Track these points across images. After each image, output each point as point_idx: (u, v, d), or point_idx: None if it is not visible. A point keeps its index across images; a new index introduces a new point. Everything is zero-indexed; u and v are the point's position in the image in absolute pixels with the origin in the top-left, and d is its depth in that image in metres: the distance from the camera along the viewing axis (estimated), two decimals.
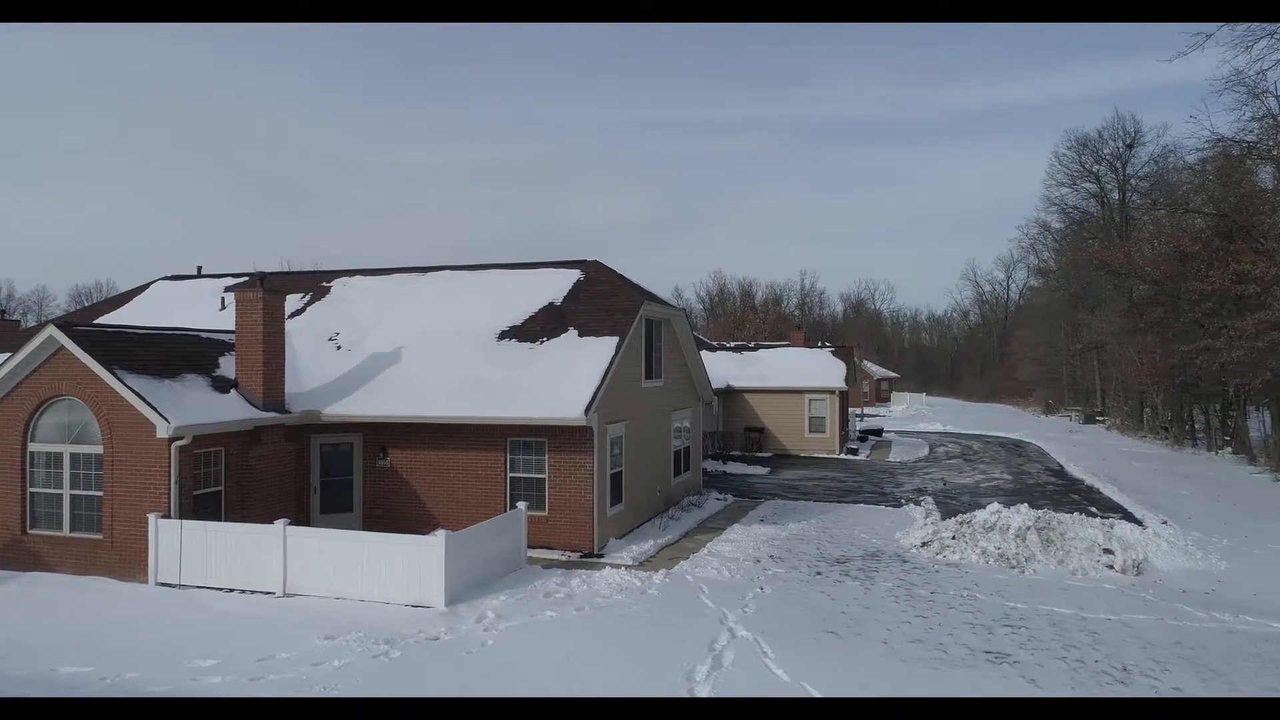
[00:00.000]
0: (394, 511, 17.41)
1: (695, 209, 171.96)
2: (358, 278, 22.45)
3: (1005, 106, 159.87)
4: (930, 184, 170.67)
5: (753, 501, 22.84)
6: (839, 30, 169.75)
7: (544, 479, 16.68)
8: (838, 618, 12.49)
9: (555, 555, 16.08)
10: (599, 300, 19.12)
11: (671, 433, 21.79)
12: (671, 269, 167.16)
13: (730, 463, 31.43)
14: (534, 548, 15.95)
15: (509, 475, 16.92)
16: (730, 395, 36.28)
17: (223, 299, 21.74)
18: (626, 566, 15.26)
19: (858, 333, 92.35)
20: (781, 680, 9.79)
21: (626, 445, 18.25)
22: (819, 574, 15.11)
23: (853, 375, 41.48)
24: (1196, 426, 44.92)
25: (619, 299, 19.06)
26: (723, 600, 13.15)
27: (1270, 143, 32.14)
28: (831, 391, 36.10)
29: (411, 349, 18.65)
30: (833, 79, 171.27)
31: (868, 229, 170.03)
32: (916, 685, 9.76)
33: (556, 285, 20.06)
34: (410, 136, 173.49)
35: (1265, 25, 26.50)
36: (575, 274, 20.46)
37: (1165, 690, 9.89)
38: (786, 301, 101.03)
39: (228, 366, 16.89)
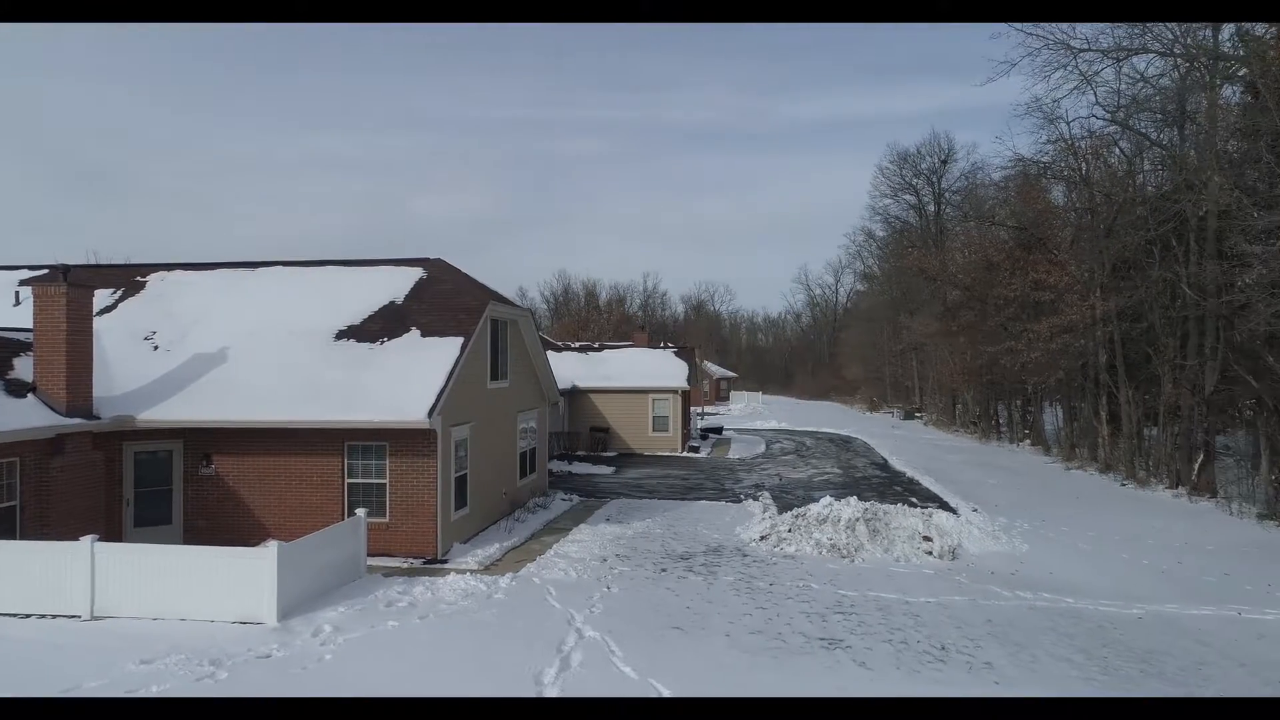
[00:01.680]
0: (220, 523, 16.32)
1: (541, 209, 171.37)
2: (178, 272, 20.88)
3: (837, 120, 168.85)
4: (767, 191, 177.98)
5: (599, 501, 23.00)
6: (685, 38, 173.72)
7: (385, 484, 16.12)
8: (683, 613, 12.78)
9: (397, 563, 15.58)
10: (443, 300, 18.69)
11: (517, 434, 21.60)
12: (517, 269, 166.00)
13: (576, 463, 31.52)
14: (375, 555, 15.39)
15: (347, 481, 16.23)
16: (576, 395, 36.38)
17: (17, 294, 19.67)
18: (472, 571, 15.00)
19: (698, 333, 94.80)
20: (630, 678, 9.91)
21: (472, 447, 17.93)
22: (664, 571, 15.40)
23: (694, 375, 42.54)
24: (1001, 421, 49.06)
25: (464, 298, 18.70)
26: (570, 601, 13.16)
27: (1062, 164, 35.57)
28: (674, 391, 36.90)
29: (240, 349, 17.55)
30: (678, 86, 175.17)
31: (708, 233, 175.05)
32: (758, 675, 10.13)
33: (398, 284, 19.44)
34: (244, 126, 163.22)
35: (1061, 58, 29.33)
36: (418, 272, 19.90)
37: (978, 665, 10.74)
38: (630, 302, 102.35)
39: (24, 368, 15.28)
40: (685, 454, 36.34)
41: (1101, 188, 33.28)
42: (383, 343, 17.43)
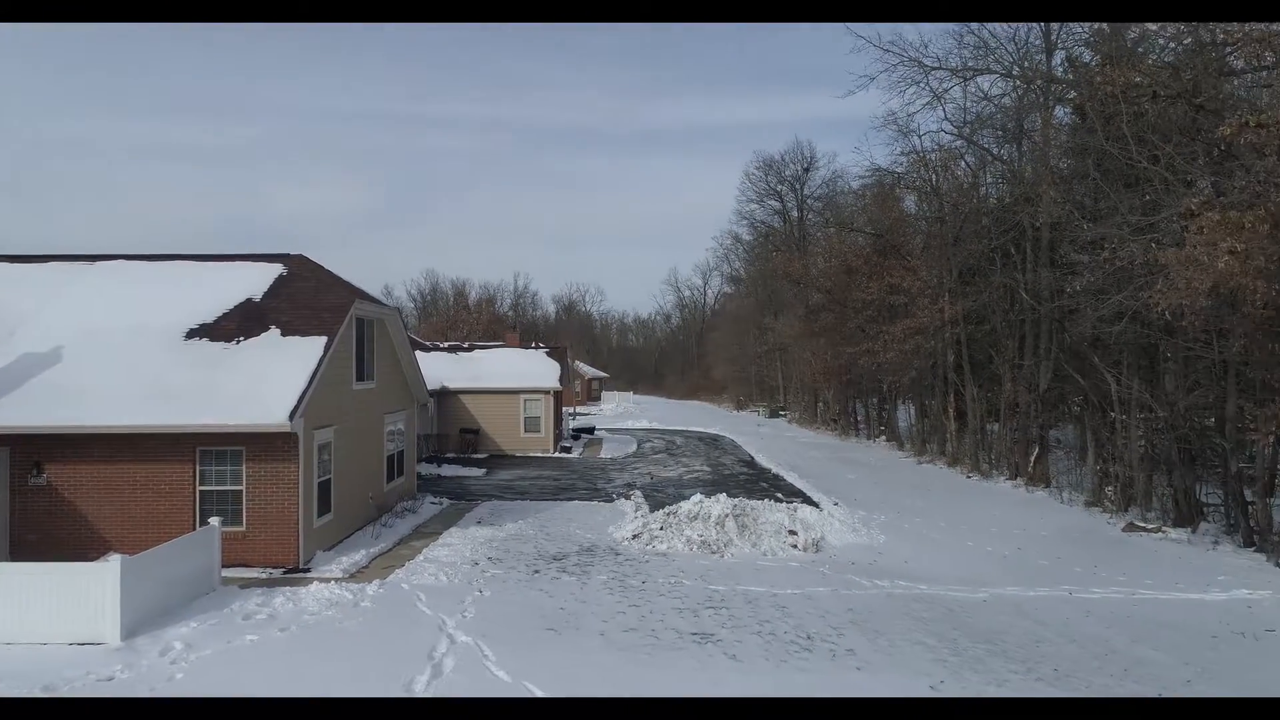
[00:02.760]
0: (53, 537, 15.05)
1: (408, 206, 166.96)
2: (2, 265, 19.13)
3: (706, 125, 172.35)
4: (638, 193, 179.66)
5: (469, 503, 22.62)
6: (558, 38, 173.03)
7: (242, 491, 15.30)
8: (556, 614, 12.75)
9: (256, 573, 14.82)
10: (305, 297, 17.91)
11: (385, 436, 20.97)
12: (383, 267, 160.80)
13: (446, 465, 30.88)
14: (231, 566, 14.58)
15: (199, 489, 15.31)
16: (445, 396, 35.65)
17: None
18: (337, 579, 14.45)
19: (570, 334, 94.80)
20: (503, 682, 9.80)
21: (336, 451, 17.27)
22: (537, 572, 15.32)
23: (566, 375, 42.48)
24: (859, 418, 51.38)
25: (327, 296, 17.99)
26: (441, 607, 12.89)
27: (915, 175, 37.64)
28: (546, 391, 36.73)
29: (77, 349, 16.24)
30: (552, 85, 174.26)
31: (580, 233, 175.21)
32: (632, 671, 10.23)
33: (256, 281, 18.49)
34: (75, 110, 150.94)
35: (915, 75, 31.03)
36: (277, 269, 18.99)
37: (840, 652, 11.22)
38: (500, 302, 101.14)
39: None
40: (557, 454, 36.24)
41: (950, 198, 35.41)
42: (239, 342, 16.55)
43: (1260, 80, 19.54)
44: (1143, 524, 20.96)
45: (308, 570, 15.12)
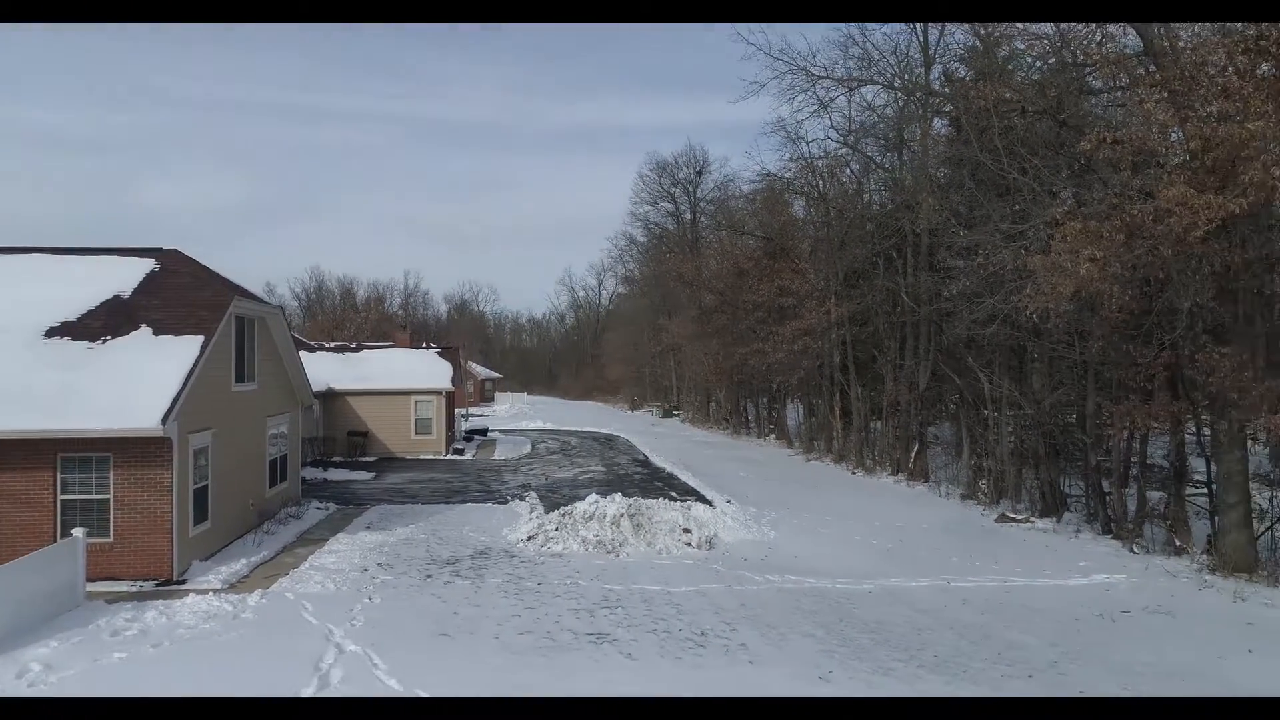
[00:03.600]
0: None
1: (293, 202, 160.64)
2: None
3: (601, 126, 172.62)
4: (532, 192, 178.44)
5: (358, 508, 21.95)
6: (453, 34, 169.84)
7: (109, 500, 14.37)
8: (450, 619, 12.51)
9: (126, 587, 13.94)
10: (179, 294, 16.97)
11: (267, 440, 20.11)
12: (265, 264, 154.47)
13: (332, 469, 29.86)
14: (98, 580, 13.67)
15: (60, 498, 14.30)
16: (332, 398, 34.47)
17: None
18: (215, 591, 13.76)
19: (462, 334, 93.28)
20: (394, 690, 9.55)
21: (214, 456, 16.44)
22: (430, 577, 15.00)
23: (458, 376, 41.80)
24: (750, 417, 52.52)
25: (204, 293, 17.11)
26: (328, 615, 12.45)
27: (803, 180, 38.75)
28: (438, 392, 36.01)
29: None
30: (445, 81, 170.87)
31: (473, 232, 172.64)
32: (527, 675, 10.13)
33: (125, 276, 17.40)
34: None
35: (803, 84, 31.95)
36: (149, 264, 17.94)
37: (734, 647, 11.43)
38: (390, 301, 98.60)
39: None
40: (450, 456, 35.58)
41: (836, 204, 36.60)
42: (106, 341, 15.55)
43: (1116, 100, 21.02)
44: (1013, 515, 22.18)
45: (183, 582, 14.34)
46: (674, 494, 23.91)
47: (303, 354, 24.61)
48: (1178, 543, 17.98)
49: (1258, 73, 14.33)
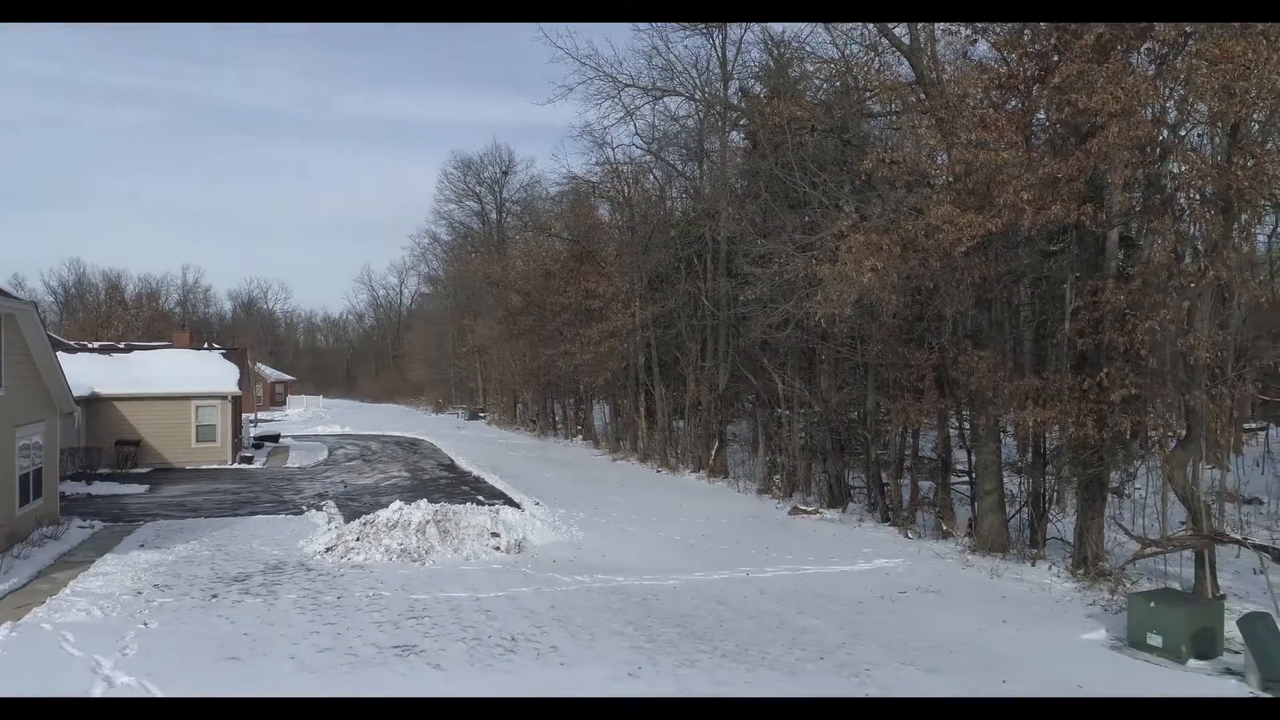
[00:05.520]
0: None
1: (47, 186, 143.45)
2: None
3: (403, 120, 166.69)
4: (329, 185, 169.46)
5: (129, 525, 19.97)
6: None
7: None
8: (239, 641, 11.67)
9: None
10: None
11: (16, 453, 17.86)
12: (10, 255, 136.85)
13: (98, 483, 26.98)
14: None
15: None
16: (97, 404, 31.13)
17: None
18: None
19: (250, 333, 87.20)
20: None
21: None
22: (216, 597, 13.91)
23: (246, 379, 39.03)
24: (557, 418, 52.69)
25: None
26: (95, 646, 11.23)
27: (609, 185, 39.38)
28: (223, 397, 33.43)
29: None
30: (232, 61, 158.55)
31: (262, 225, 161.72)
32: (329, 693, 9.64)
33: None
34: None
35: (609, 90, 32.48)
36: None
37: (545, 650, 11.44)
38: (166, 298, 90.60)
39: None
40: (237, 465, 33.13)
41: (640, 209, 37.47)
42: None
43: (892, 123, 22.94)
44: (804, 507, 23.66)
45: None
46: (482, 498, 23.58)
47: (60, 355, 22.11)
48: (944, 527, 19.87)
49: (1008, 107, 16.15)
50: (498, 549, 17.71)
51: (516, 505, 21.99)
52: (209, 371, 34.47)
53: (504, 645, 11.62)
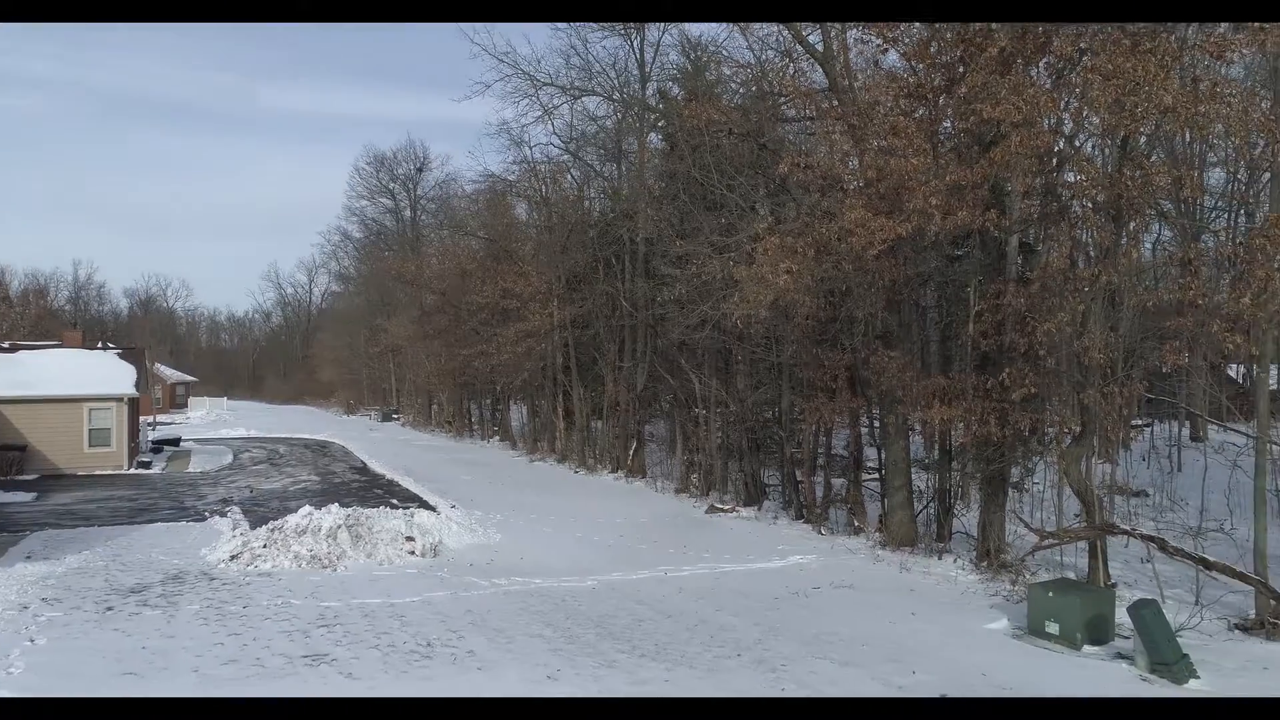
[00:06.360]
0: None
1: None
2: None
3: (314, 114, 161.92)
4: (234, 179, 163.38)
5: (14, 536, 18.81)
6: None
7: None
8: (137, 655, 11.11)
9: None
10: None
11: None
12: None
13: None
14: None
15: None
16: None
17: None
18: None
19: (148, 333, 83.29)
20: None
21: None
22: (111, 609, 13.22)
23: (144, 380, 37.26)
24: (473, 419, 52.04)
25: None
26: None
27: (526, 184, 39.10)
28: (119, 399, 31.85)
29: None
30: (127, 47, 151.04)
31: (161, 219, 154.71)
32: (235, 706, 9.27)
33: None
34: None
35: (527, 89, 32.22)
36: None
37: (461, 655, 11.25)
38: (55, 295, 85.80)
39: None
40: (134, 471, 31.61)
41: (558, 209, 37.30)
42: None
43: (806, 129, 23.43)
44: (721, 506, 23.94)
45: None
46: (396, 501, 23.09)
47: None
48: (856, 523, 20.40)
49: (917, 115, 16.67)
50: (413, 553, 17.36)
51: (432, 508, 21.62)
52: (103, 372, 32.80)
53: (419, 651, 11.39)
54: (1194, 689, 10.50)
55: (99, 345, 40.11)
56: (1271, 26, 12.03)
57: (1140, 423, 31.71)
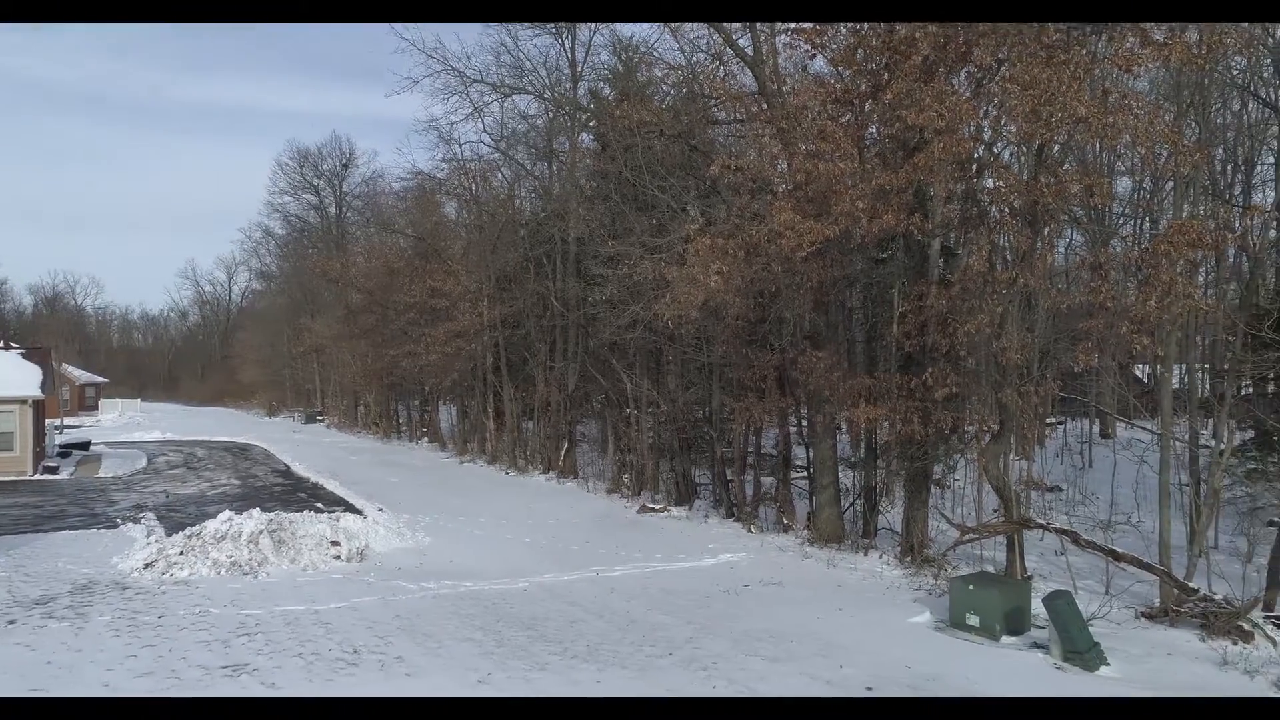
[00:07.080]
0: None
1: None
2: None
3: (234, 107, 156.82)
4: (148, 172, 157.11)
5: None
6: None
7: None
8: (43, 670, 10.60)
9: None
10: None
11: None
12: None
13: None
14: None
15: None
16: None
17: None
18: None
19: (56, 332, 79.57)
20: None
21: None
22: (14, 623, 12.58)
23: (50, 381, 35.55)
24: (401, 421, 51.10)
25: None
26: None
27: (456, 182, 38.57)
28: (23, 401, 30.32)
29: None
30: (25, 31, 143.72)
31: (70, 213, 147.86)
32: None
33: None
34: None
35: (457, 85, 31.77)
36: None
37: (390, 661, 11.04)
38: None
39: None
40: (40, 476, 30.15)
41: (488, 208, 36.90)
42: None
43: (736, 131, 23.67)
44: (653, 505, 24.01)
45: None
46: (321, 505, 22.51)
47: None
48: (785, 521, 20.68)
49: (843, 120, 16.99)
50: (338, 558, 16.96)
51: (358, 512, 21.16)
52: (5, 373, 31.19)
53: (345, 659, 11.13)
54: (1105, 675, 10.96)
55: (1, 345, 38.08)
56: (1173, 41, 12.64)
57: (1054, 421, 32.97)
